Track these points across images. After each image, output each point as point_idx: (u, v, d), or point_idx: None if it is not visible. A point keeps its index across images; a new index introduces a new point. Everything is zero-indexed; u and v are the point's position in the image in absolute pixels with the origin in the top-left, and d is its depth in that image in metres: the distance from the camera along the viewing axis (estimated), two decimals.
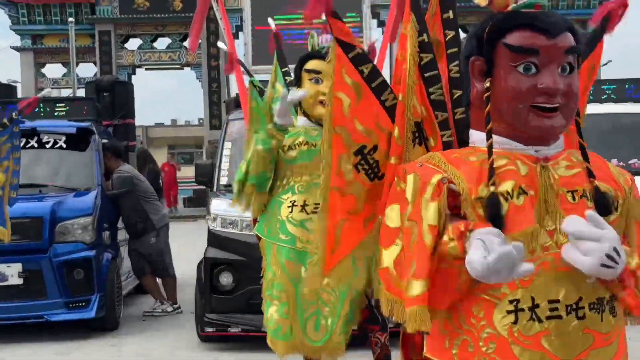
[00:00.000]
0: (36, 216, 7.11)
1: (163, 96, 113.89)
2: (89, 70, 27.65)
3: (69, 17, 24.10)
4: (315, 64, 3.99)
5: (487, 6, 1.98)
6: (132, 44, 27.01)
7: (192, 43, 5.39)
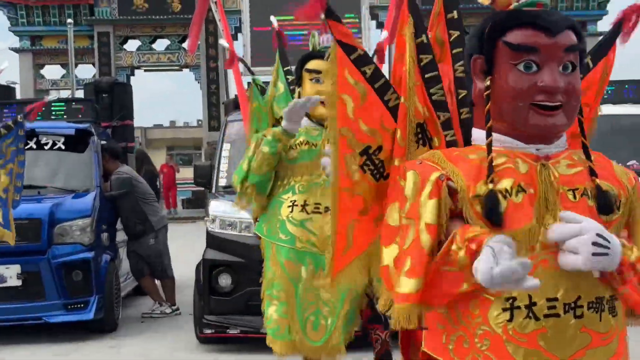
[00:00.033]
0: (35, 217, 7.10)
1: (162, 97, 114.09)
2: (87, 72, 27.65)
3: (67, 18, 24.05)
4: (316, 63, 3.99)
5: (490, 4, 1.98)
6: (131, 45, 27.04)
7: (192, 44, 5.38)
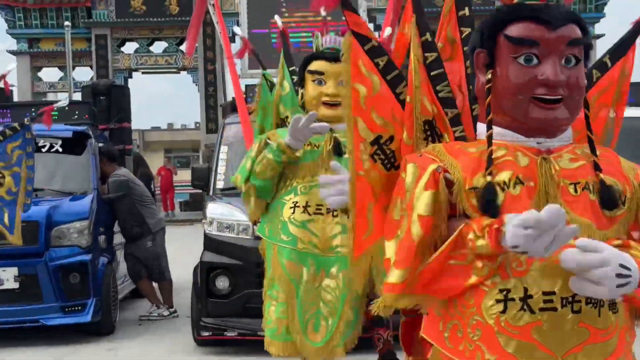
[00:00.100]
0: (32, 220, 7.06)
1: (159, 100, 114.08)
2: (85, 74, 27.65)
3: (65, 20, 24.03)
4: (318, 65, 3.95)
5: None
6: (128, 47, 27.02)
7: (189, 47, 5.37)
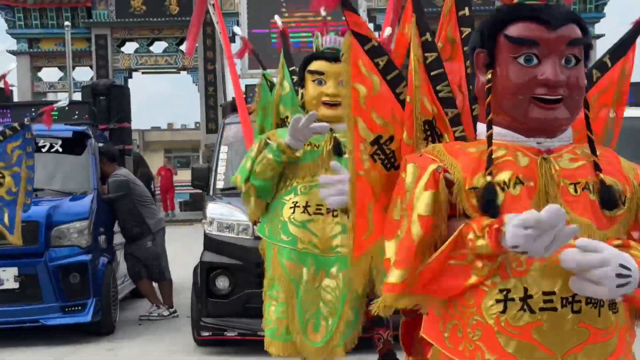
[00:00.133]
0: (32, 220, 7.06)
1: (159, 100, 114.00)
2: (85, 74, 27.65)
3: (65, 20, 24.05)
4: (318, 65, 3.95)
5: None
6: (128, 47, 27.02)
7: (190, 47, 5.37)
